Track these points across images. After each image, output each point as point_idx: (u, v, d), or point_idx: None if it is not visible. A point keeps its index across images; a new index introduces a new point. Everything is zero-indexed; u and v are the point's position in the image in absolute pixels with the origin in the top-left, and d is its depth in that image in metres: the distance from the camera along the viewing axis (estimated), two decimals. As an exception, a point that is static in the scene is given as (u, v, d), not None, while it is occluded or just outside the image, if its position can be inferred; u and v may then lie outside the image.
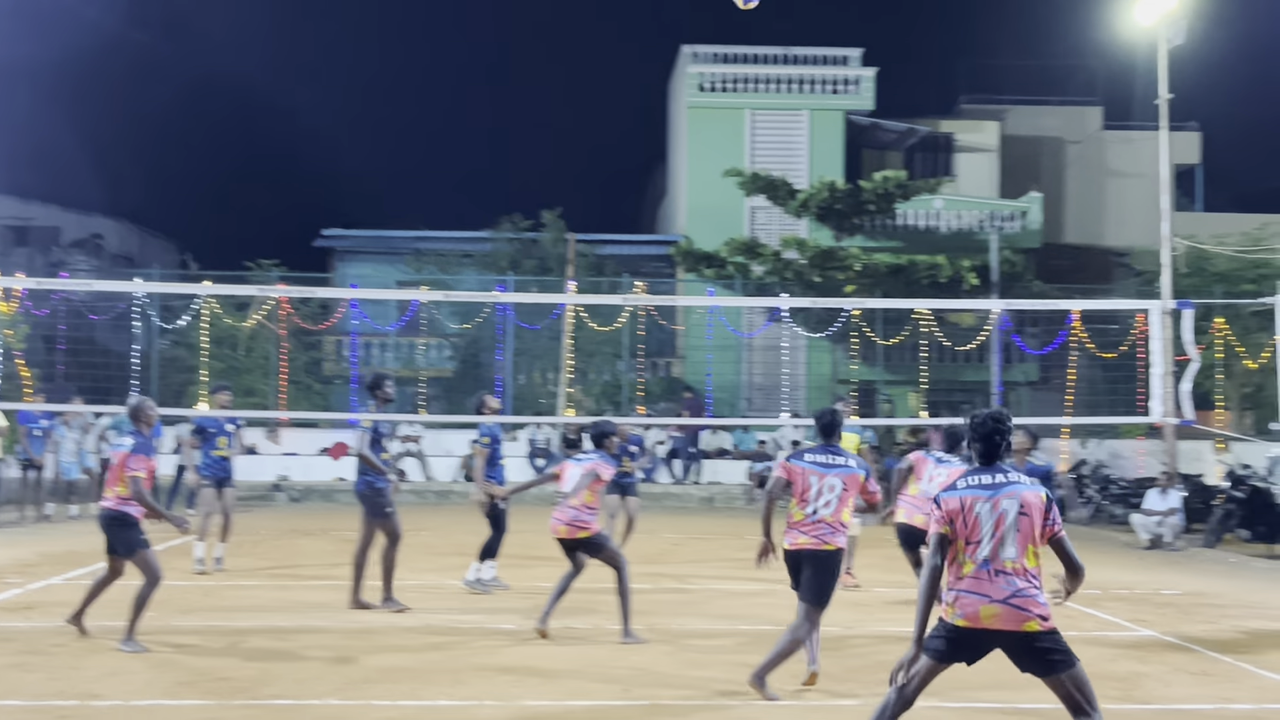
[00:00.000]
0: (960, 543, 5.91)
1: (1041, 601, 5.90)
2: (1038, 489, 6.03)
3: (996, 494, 5.92)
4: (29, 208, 44.36)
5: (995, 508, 5.90)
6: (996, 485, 5.96)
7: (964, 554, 5.90)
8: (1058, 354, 28.41)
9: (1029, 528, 5.92)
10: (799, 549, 8.01)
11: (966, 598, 5.86)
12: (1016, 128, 38.86)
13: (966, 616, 5.87)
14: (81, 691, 7.74)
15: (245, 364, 29.03)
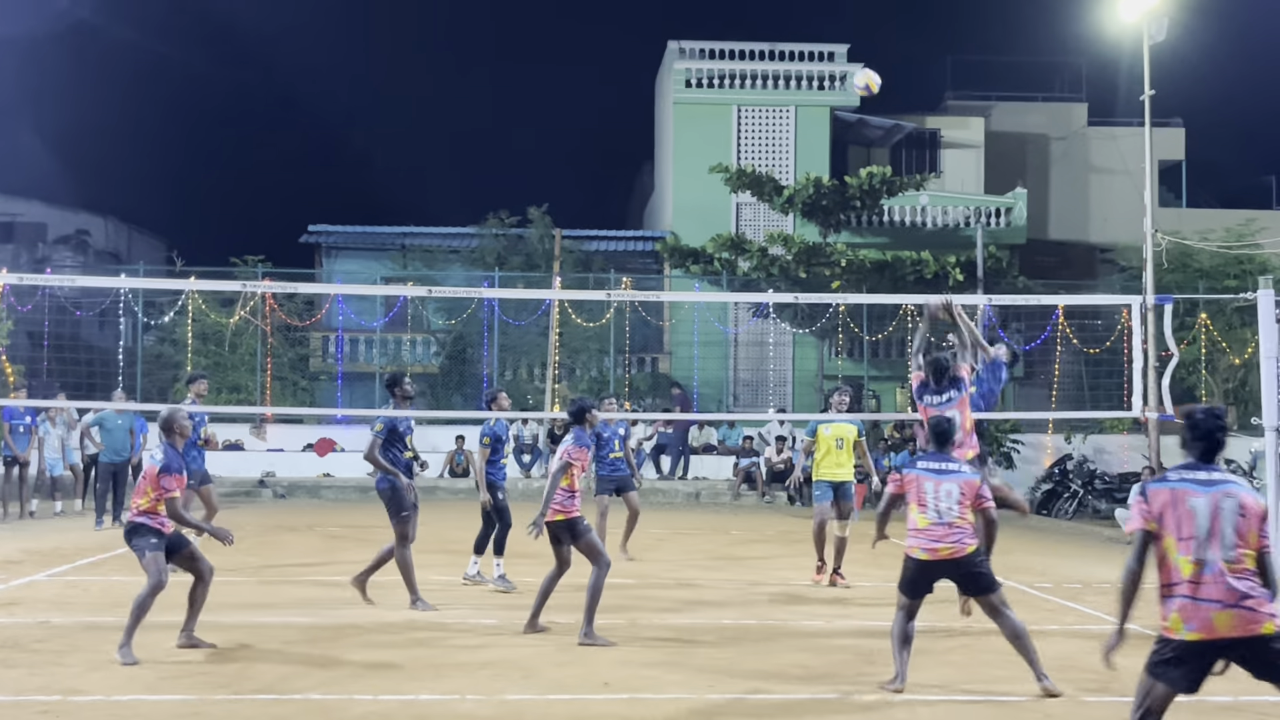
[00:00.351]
0: (1170, 540, 5.46)
1: (1270, 601, 5.37)
2: (1257, 495, 5.59)
3: (1213, 490, 5.48)
4: (14, 204, 44.23)
5: (1212, 503, 5.46)
6: (1213, 481, 5.50)
7: (1176, 553, 5.44)
8: (1043, 349, 28.57)
9: (1247, 530, 5.42)
10: (939, 559, 8.12)
11: (1193, 606, 5.37)
12: (1001, 124, 38.97)
13: (1199, 628, 5.36)
14: (64, 687, 7.76)
15: (231, 360, 28.99)
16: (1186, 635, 5.34)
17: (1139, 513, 5.54)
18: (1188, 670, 5.40)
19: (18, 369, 24.86)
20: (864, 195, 29.65)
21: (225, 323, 28.39)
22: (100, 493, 18.16)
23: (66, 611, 10.57)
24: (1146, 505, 5.52)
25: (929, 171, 35.12)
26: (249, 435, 27.30)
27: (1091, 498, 22.76)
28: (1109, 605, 11.78)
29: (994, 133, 38.49)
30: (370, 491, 24.46)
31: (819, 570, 13.30)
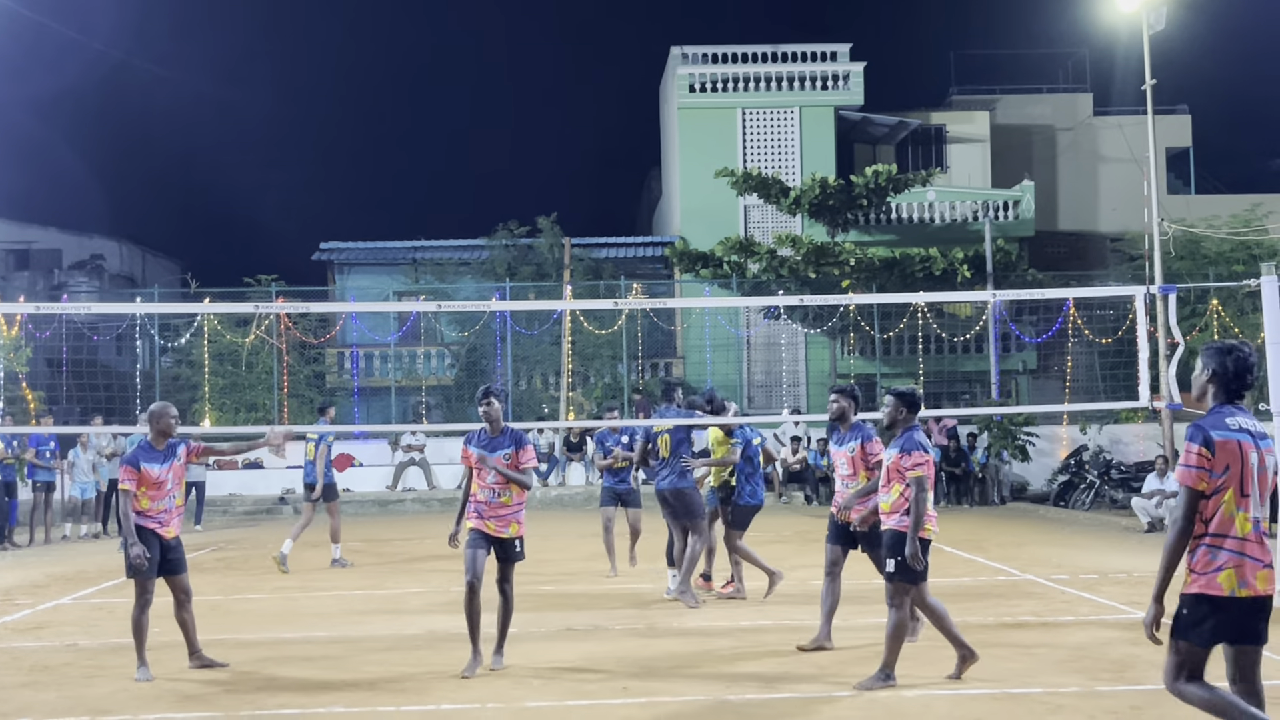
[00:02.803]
0: (1231, 494, 5.26)
1: None
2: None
3: (1263, 445, 5.33)
4: (29, 231, 44.57)
5: (1263, 462, 5.33)
6: (1261, 434, 5.34)
7: (1235, 509, 5.26)
8: (1055, 341, 28.59)
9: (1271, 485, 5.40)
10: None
11: (1247, 562, 5.24)
12: (1007, 117, 39.00)
13: (1248, 584, 5.22)
14: (91, 708, 7.89)
15: (248, 379, 29.19)
16: (1240, 592, 5.20)
17: (1193, 464, 5.26)
18: (1225, 631, 5.28)
19: (38, 395, 25.08)
20: (871, 193, 29.73)
21: (241, 343, 28.59)
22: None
23: (93, 634, 10.72)
24: (1206, 456, 5.24)
25: (935, 167, 35.22)
26: (268, 453, 27.46)
27: (1108, 488, 22.76)
28: (1125, 595, 11.86)
29: (999, 126, 38.51)
30: (389, 504, 24.68)
31: None
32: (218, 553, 17.62)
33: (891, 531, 8.23)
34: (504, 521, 8.82)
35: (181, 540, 9.19)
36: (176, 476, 9.16)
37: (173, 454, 9.11)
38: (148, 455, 9.00)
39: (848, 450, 9.40)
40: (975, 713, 7.36)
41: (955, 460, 24.35)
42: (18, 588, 13.97)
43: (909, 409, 8.41)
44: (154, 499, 8.98)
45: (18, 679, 8.84)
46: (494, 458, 8.81)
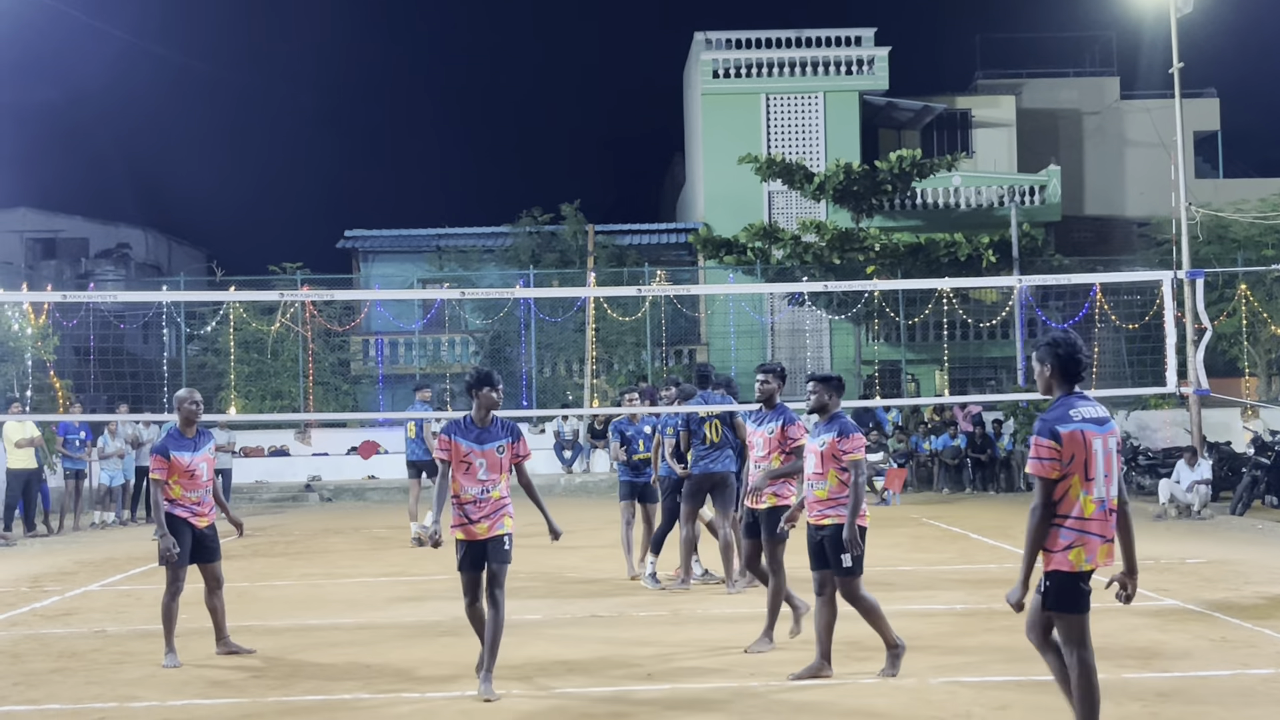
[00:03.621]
0: (1077, 480, 5.84)
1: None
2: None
3: (1104, 430, 5.93)
4: (56, 220, 44.88)
5: (1106, 446, 5.90)
6: (1102, 420, 5.96)
7: (1080, 492, 5.83)
8: (1082, 327, 28.41)
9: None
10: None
11: (1090, 539, 5.84)
12: (1033, 101, 38.75)
13: (1093, 560, 5.87)
14: (120, 694, 7.95)
15: (273, 367, 29.32)
16: (1086, 566, 5.84)
17: (1047, 454, 5.87)
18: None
19: (65, 383, 25.23)
20: (895, 179, 29.61)
21: (267, 330, 28.70)
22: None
23: (121, 620, 10.80)
24: (1059, 447, 5.84)
25: (961, 152, 35.00)
26: (294, 440, 27.61)
27: (1136, 474, 22.61)
28: (1152, 582, 11.79)
29: (1026, 110, 38.28)
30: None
31: None
32: (244, 540, 17.68)
33: (837, 525, 7.98)
34: (495, 519, 7.85)
35: (217, 529, 9.22)
36: (210, 465, 9.11)
37: (205, 442, 9.12)
38: (177, 443, 8.99)
39: (766, 431, 9.20)
40: (1001, 699, 7.33)
41: (981, 447, 24.26)
42: (47, 574, 14.07)
43: (837, 393, 8.29)
44: (187, 487, 8.97)
45: (47, 665, 8.91)
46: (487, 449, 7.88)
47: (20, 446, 18.66)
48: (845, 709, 7.20)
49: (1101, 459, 5.87)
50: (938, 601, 10.85)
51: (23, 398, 22.03)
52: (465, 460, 7.81)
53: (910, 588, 11.80)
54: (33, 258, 42.84)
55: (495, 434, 7.96)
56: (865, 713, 7.14)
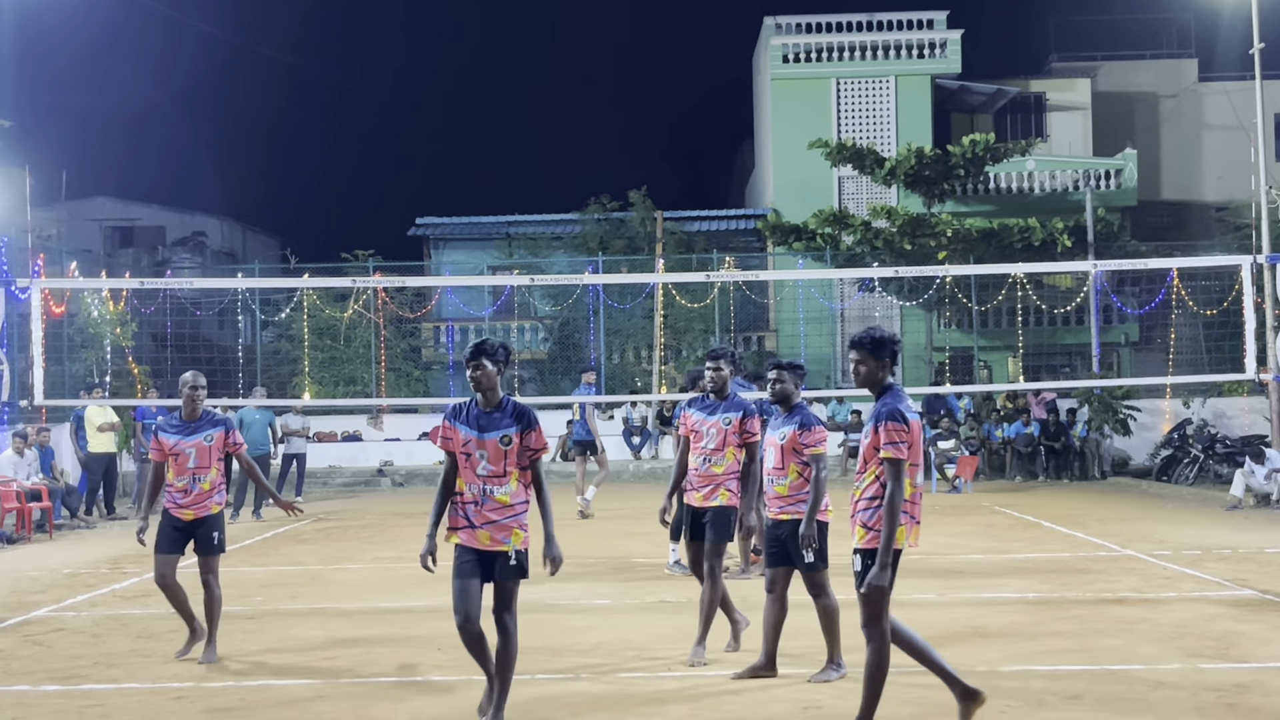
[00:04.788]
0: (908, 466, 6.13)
1: None
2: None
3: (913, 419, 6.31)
4: (133, 209, 45.70)
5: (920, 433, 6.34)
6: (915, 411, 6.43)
7: (911, 478, 6.16)
8: (1158, 313, 27.97)
9: None
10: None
11: (912, 521, 6.22)
12: (1109, 84, 38.16)
13: (909, 540, 6.25)
14: (196, 674, 8.10)
15: (346, 353, 29.63)
16: (906, 545, 6.22)
17: (904, 442, 6.08)
18: None
19: (144, 369, 25.69)
20: (968, 163, 29.33)
21: (339, 317, 29.00)
22: (239, 486, 18.71)
23: (197, 602, 10.95)
24: (910, 434, 6.08)
25: (1035, 136, 34.60)
26: (366, 426, 27.89)
27: (1213, 462, 22.25)
28: (1229, 571, 11.62)
29: (1101, 93, 37.70)
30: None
31: None
32: (318, 524, 17.96)
33: (797, 521, 7.54)
34: (502, 529, 6.53)
35: (216, 523, 8.66)
36: (202, 455, 8.51)
37: (204, 429, 8.59)
38: (168, 424, 8.67)
39: (721, 421, 8.34)
40: (1074, 689, 7.25)
41: (1055, 434, 23.98)
42: (126, 556, 14.34)
43: (801, 381, 7.86)
44: (175, 473, 8.58)
45: (126, 645, 9.10)
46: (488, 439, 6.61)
47: (101, 431, 19.04)
48: (914, 697, 7.15)
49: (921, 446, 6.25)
50: (1009, 590, 10.75)
51: (102, 383, 22.47)
52: (465, 451, 6.59)
53: (981, 575, 11.71)
54: (111, 246, 43.63)
55: (500, 420, 6.61)
56: (936, 701, 7.08)
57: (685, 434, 8.57)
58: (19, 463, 17.04)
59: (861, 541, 6.21)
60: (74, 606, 10.86)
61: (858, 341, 6.31)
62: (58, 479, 18.27)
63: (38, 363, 16.01)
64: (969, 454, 22.34)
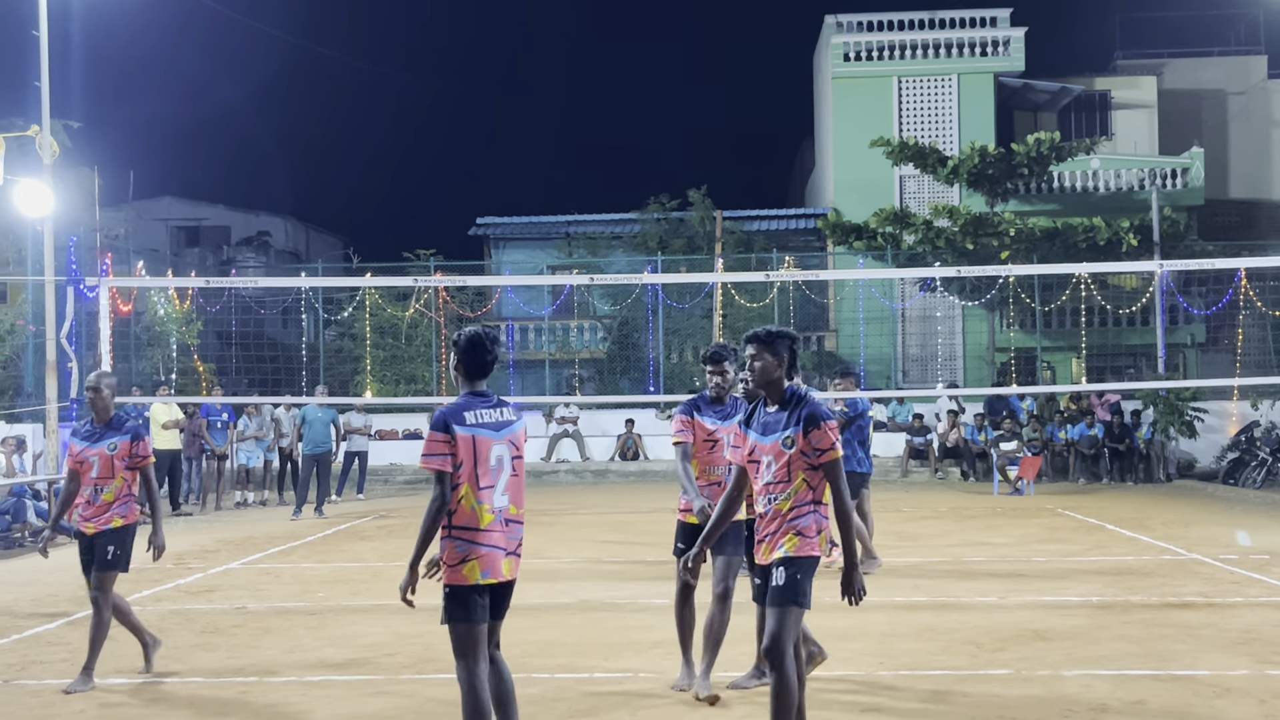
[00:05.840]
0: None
1: None
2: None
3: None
4: (200, 209, 46.34)
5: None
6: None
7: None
8: (1225, 313, 27.55)
9: None
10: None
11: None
12: (1175, 81, 37.63)
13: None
14: (260, 669, 8.19)
15: (407, 352, 29.83)
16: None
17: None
18: None
19: (208, 367, 26.04)
20: (1032, 162, 29.03)
21: (401, 316, 29.20)
22: (302, 483, 18.93)
23: (260, 597, 11.11)
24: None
25: (1100, 135, 34.18)
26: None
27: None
28: (1297, 576, 11.41)
29: (1167, 91, 37.19)
30: (544, 475, 25.00)
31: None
32: (379, 520, 18.11)
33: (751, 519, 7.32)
34: (517, 559, 6.03)
35: (115, 537, 7.86)
36: (104, 464, 7.84)
37: (107, 438, 7.90)
38: (79, 430, 8.03)
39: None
40: (1138, 694, 7.16)
41: (1119, 436, 23.67)
42: (190, 553, 14.54)
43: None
44: (83, 483, 7.89)
45: (190, 639, 9.22)
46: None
47: (166, 428, 19.32)
48: (976, 701, 7.10)
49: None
50: (1072, 593, 10.63)
51: (168, 380, 22.79)
52: (469, 454, 5.72)
53: (1044, 578, 11.59)
54: (177, 245, 44.25)
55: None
56: (998, 704, 7.03)
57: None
58: (87, 459, 17.29)
59: (792, 549, 5.60)
60: (139, 601, 11.00)
61: (752, 336, 5.96)
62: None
63: (105, 360, 16.25)
64: (1031, 455, 22.11)
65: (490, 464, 5.66)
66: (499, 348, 5.84)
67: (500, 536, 5.74)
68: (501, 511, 5.72)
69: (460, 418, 5.61)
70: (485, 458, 5.64)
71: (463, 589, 5.78)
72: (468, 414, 5.64)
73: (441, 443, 5.56)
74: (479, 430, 5.63)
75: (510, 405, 5.86)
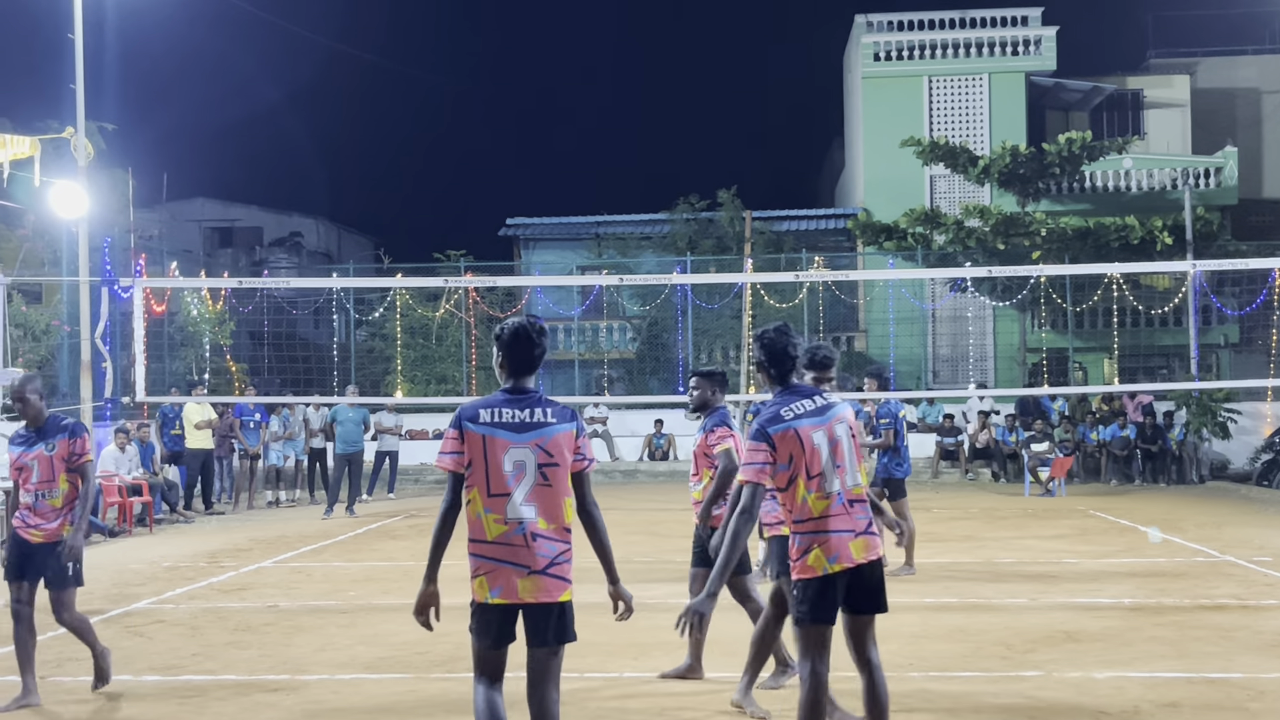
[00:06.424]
0: (801, 480, 5.44)
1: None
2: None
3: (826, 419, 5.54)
4: (233, 210, 46.65)
5: (832, 435, 5.50)
6: (821, 409, 5.57)
7: (806, 491, 5.43)
8: (1259, 314, 27.33)
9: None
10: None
11: (831, 538, 5.41)
12: (1209, 80, 37.34)
13: (839, 558, 5.39)
14: (292, 667, 8.24)
15: (438, 352, 29.92)
16: (832, 568, 5.38)
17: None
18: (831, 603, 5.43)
19: (241, 367, 26.20)
20: (1063, 162, 28.90)
21: (431, 316, 29.29)
22: (334, 482, 19.03)
23: (292, 596, 11.18)
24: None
25: (1132, 134, 33.96)
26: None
27: (1316, 467, 21.70)
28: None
29: (1200, 90, 36.91)
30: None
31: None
32: (410, 520, 18.18)
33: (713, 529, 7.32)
34: (557, 583, 5.30)
35: (68, 548, 7.42)
36: (44, 467, 7.47)
37: (49, 437, 7.53)
38: (16, 436, 7.66)
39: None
40: (1170, 697, 7.12)
41: (1151, 438, 23.53)
42: (223, 551, 14.64)
43: (720, 389, 7.76)
44: (23, 489, 7.55)
45: (223, 637, 9.28)
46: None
47: (199, 428, 19.46)
48: (1006, 704, 7.08)
49: (831, 450, 5.47)
50: (1104, 595, 10.58)
51: (201, 380, 22.95)
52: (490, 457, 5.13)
53: (1076, 580, 11.54)
54: (210, 246, 44.56)
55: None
56: (1029, 707, 7.01)
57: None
58: (120, 458, 17.48)
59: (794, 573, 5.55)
60: (173, 599, 11.10)
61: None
62: (158, 474, 18.71)
63: (139, 360, 16.40)
64: (1063, 455, 22.00)
65: (505, 469, 5.02)
66: (546, 340, 5.32)
67: (521, 552, 5.07)
68: (526, 524, 5.05)
69: (475, 415, 5.07)
70: (498, 461, 5.02)
71: (475, 605, 5.25)
72: (484, 411, 5.08)
73: (452, 440, 5.07)
74: (495, 430, 5.02)
75: (555, 406, 5.19)
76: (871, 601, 5.52)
